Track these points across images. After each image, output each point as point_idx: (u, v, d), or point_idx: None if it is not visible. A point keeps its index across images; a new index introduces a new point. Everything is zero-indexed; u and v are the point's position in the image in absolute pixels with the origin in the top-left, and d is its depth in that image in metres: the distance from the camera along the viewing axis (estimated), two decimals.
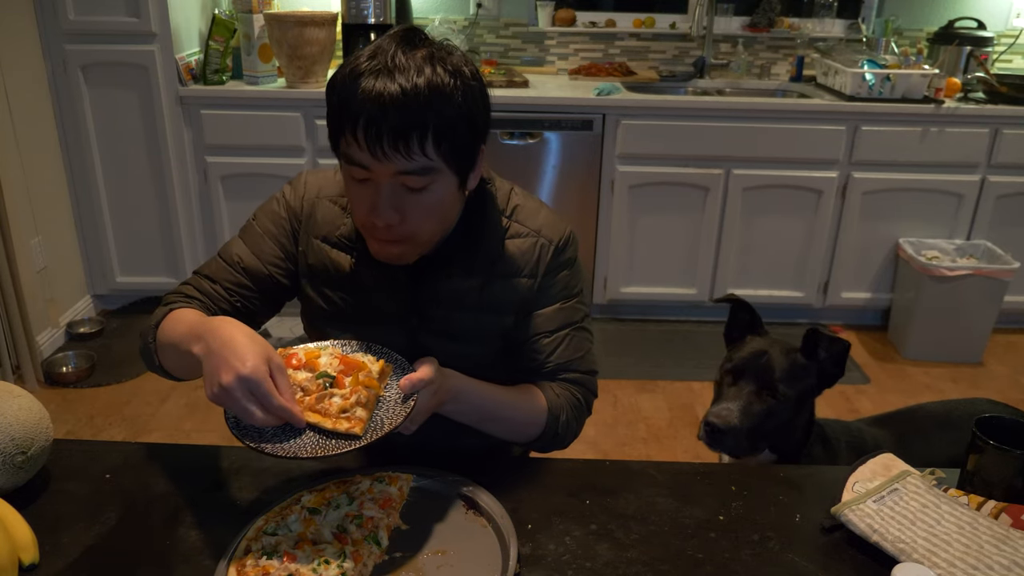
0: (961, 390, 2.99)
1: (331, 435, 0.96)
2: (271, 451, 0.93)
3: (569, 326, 1.21)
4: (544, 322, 1.20)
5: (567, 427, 1.21)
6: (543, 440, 1.20)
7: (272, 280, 1.20)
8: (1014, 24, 3.60)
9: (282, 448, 0.94)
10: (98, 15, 2.95)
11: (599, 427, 2.70)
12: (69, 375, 2.89)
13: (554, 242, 1.19)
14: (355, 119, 0.97)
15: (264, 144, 3.10)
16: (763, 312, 1.52)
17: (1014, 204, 3.22)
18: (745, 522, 1.05)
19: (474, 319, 1.17)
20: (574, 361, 1.22)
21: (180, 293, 1.18)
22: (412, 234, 1.06)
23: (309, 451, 0.93)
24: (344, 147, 1.01)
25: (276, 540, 0.95)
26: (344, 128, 0.99)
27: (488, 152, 1.11)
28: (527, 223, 1.19)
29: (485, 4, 3.59)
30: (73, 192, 3.20)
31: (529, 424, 1.18)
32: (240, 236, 1.22)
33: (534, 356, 1.20)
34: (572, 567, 0.97)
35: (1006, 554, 0.92)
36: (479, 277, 1.16)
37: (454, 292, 1.16)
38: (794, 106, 3.16)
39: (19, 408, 1.06)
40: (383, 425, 0.97)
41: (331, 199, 1.19)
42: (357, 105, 0.97)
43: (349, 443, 0.94)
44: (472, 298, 1.16)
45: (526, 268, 1.18)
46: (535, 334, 1.20)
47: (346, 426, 0.96)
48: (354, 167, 1.01)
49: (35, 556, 0.95)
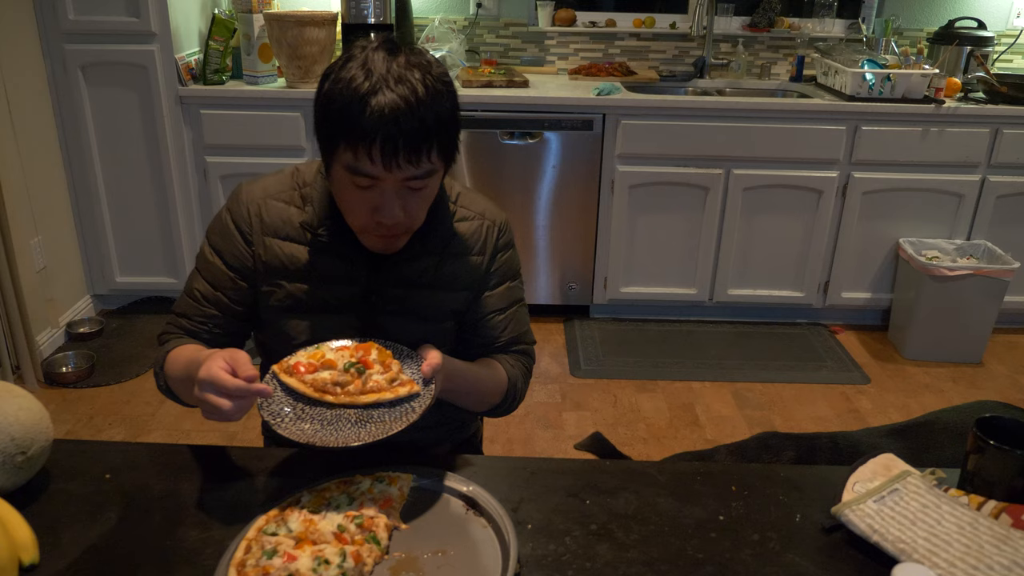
0: (961, 390, 2.99)
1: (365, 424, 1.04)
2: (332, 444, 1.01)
3: (516, 303, 1.33)
4: (496, 301, 1.30)
5: (520, 394, 1.33)
6: (501, 408, 1.31)
7: (234, 298, 1.24)
8: (1014, 24, 3.60)
9: (332, 438, 1.01)
10: (98, 15, 2.95)
11: (599, 427, 2.70)
12: (69, 375, 2.89)
13: (497, 223, 1.29)
14: (370, 138, 1.02)
15: (264, 144, 3.10)
16: (763, 312, 1.52)
17: (1014, 204, 3.22)
18: (745, 522, 1.05)
19: (429, 296, 1.24)
20: (522, 335, 1.34)
21: (165, 334, 1.27)
22: (411, 226, 1.15)
23: (363, 437, 1.01)
24: (350, 160, 1.05)
25: (276, 540, 0.95)
26: (356, 145, 1.03)
27: (488, 152, 1.13)
28: (472, 207, 1.28)
29: (485, 4, 3.59)
30: (73, 192, 3.20)
31: (495, 394, 1.28)
32: (196, 268, 1.27)
33: (488, 332, 1.30)
34: (572, 567, 0.97)
35: (1006, 554, 0.92)
36: (434, 257, 1.24)
37: (411, 272, 1.23)
38: (794, 106, 3.16)
39: (19, 408, 1.06)
40: (414, 409, 1.05)
41: (275, 198, 1.24)
42: (371, 124, 1.01)
43: (399, 423, 1.03)
44: (428, 277, 1.24)
45: (475, 247, 1.27)
46: (488, 312, 1.29)
47: (407, 389, 1.06)
48: (360, 177, 1.06)
49: (35, 556, 0.95)
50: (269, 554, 0.92)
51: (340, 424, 1.04)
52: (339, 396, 1.06)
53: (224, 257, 1.23)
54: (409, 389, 1.06)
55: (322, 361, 1.09)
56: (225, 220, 1.24)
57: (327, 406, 1.06)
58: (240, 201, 1.24)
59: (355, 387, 1.06)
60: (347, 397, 1.06)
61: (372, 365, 1.08)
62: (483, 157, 3.12)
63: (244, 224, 1.23)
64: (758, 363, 3.13)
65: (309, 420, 1.04)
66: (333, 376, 1.07)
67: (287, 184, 1.25)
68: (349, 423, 1.04)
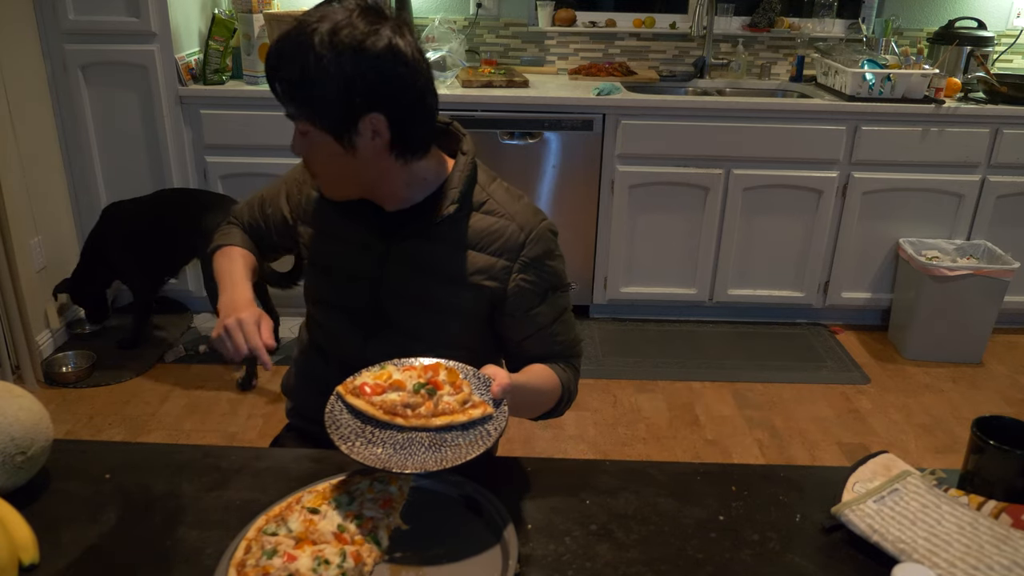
0: (961, 390, 2.99)
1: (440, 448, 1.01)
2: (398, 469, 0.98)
3: (563, 311, 1.30)
4: (544, 316, 1.27)
5: (572, 396, 1.31)
6: (554, 412, 1.30)
7: (280, 215, 1.39)
8: (1014, 24, 3.60)
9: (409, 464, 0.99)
10: (98, 15, 2.95)
11: (599, 427, 2.70)
12: (69, 375, 2.89)
13: (526, 230, 1.24)
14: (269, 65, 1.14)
15: (264, 144, 3.09)
16: (763, 312, 1.53)
17: (1014, 204, 3.22)
18: (745, 522, 1.05)
19: (435, 285, 1.24)
20: (571, 341, 1.32)
21: (230, 223, 1.46)
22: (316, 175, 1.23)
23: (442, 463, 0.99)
24: None
25: (276, 540, 0.94)
26: None
27: (488, 152, 1.13)
28: (504, 206, 1.25)
29: (485, 4, 3.58)
30: (73, 192, 3.20)
31: (551, 401, 1.27)
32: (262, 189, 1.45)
33: (540, 346, 1.28)
34: (572, 567, 0.97)
35: (1006, 554, 0.92)
36: (444, 243, 1.23)
37: (421, 255, 1.23)
38: (794, 106, 3.16)
39: (19, 408, 1.06)
40: (490, 433, 1.02)
41: None
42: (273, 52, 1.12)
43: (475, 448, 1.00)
44: (437, 264, 1.23)
45: (492, 246, 1.23)
46: (539, 328, 1.27)
47: (480, 411, 1.04)
48: None
49: (35, 556, 0.95)
50: (269, 554, 0.92)
51: (413, 448, 1.00)
52: (410, 419, 1.03)
53: (283, 186, 1.40)
54: (482, 411, 1.03)
55: (389, 382, 1.06)
56: (285, 175, 1.41)
57: (398, 429, 1.03)
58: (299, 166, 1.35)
59: (426, 409, 1.03)
60: (418, 420, 1.03)
61: (443, 386, 1.06)
62: (483, 157, 3.08)
63: (301, 175, 1.36)
64: (758, 363, 3.13)
65: (381, 444, 1.01)
66: (403, 398, 1.04)
67: None
68: (423, 447, 1.01)
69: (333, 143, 1.14)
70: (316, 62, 1.06)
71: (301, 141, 1.16)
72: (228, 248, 1.39)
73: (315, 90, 1.09)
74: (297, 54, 1.07)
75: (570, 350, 1.31)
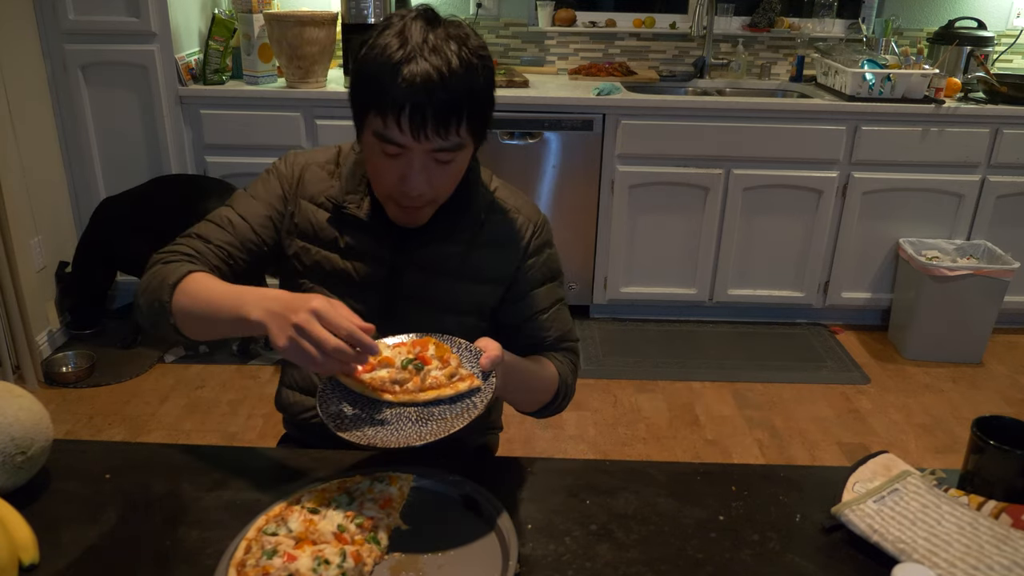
0: (961, 390, 2.99)
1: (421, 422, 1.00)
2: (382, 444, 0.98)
3: (559, 301, 1.31)
4: (541, 300, 1.28)
5: (570, 391, 1.30)
6: (552, 406, 1.28)
7: (258, 239, 1.23)
8: (1014, 24, 3.60)
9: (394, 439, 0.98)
10: (98, 15, 2.95)
11: (599, 427, 2.70)
12: (69, 375, 2.89)
13: (533, 221, 1.27)
14: (400, 106, 1.02)
15: (264, 144, 3.09)
16: (763, 312, 1.53)
17: (1014, 204, 3.22)
18: (745, 522, 1.05)
19: (450, 286, 1.23)
20: (567, 333, 1.31)
21: (175, 252, 1.18)
22: (436, 199, 1.15)
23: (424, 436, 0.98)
24: (379, 127, 1.06)
25: (276, 540, 0.94)
26: (386, 113, 1.04)
27: (488, 152, 1.13)
28: (508, 201, 1.27)
29: (485, 4, 3.58)
30: (73, 192, 3.20)
31: (548, 391, 1.25)
32: (229, 203, 1.26)
33: (535, 332, 1.28)
34: (572, 567, 0.97)
35: (1006, 554, 0.92)
36: (460, 244, 1.23)
37: (435, 257, 1.22)
38: (794, 106, 3.16)
39: (19, 408, 1.06)
40: (476, 405, 1.01)
41: (319, 165, 1.26)
42: (401, 92, 1.02)
43: (460, 420, 0.99)
44: (451, 264, 1.23)
45: (505, 241, 1.25)
46: (534, 312, 1.28)
47: (467, 384, 1.03)
48: (388, 144, 1.07)
49: (35, 556, 0.95)
50: (269, 554, 0.92)
51: (400, 424, 1.00)
52: (398, 394, 1.03)
53: (262, 199, 1.25)
54: (469, 384, 1.03)
55: (379, 359, 1.05)
56: (270, 174, 1.28)
57: (386, 405, 1.03)
58: (287, 162, 1.28)
59: (414, 384, 1.03)
60: (406, 395, 1.02)
61: (430, 361, 1.05)
62: (483, 157, 3.10)
63: (286, 182, 1.26)
64: (758, 363, 3.13)
65: (369, 421, 1.01)
66: (391, 374, 1.03)
67: (331, 157, 1.28)
68: (410, 422, 1.00)
69: (471, 152, 1.13)
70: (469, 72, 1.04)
71: (445, 170, 1.10)
72: (195, 275, 1.11)
73: (484, 107, 1.09)
74: (468, 80, 1.04)
75: (566, 337, 1.31)
